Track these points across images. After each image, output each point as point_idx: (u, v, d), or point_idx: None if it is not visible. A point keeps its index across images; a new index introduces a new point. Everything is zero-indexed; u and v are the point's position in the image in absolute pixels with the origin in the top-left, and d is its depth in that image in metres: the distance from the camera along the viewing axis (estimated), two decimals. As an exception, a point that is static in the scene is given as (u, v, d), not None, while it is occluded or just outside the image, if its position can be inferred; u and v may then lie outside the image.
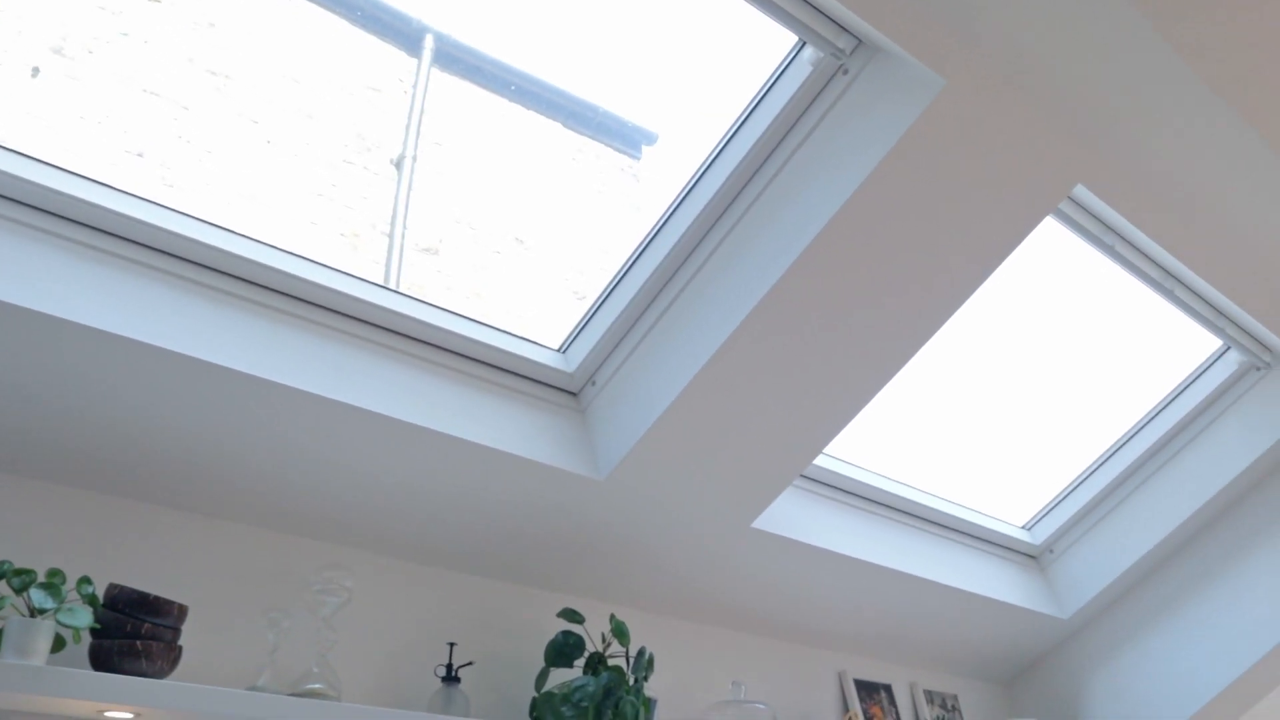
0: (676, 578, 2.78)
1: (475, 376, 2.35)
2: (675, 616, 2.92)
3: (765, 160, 2.28)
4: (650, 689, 2.78)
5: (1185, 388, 3.48)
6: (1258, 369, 3.40)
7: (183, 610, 1.87)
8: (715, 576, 2.84)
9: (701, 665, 2.93)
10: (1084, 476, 3.61)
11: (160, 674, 1.79)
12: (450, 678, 2.29)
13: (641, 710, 2.37)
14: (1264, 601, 3.49)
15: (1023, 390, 3.46)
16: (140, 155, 2.70)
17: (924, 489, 3.37)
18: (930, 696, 3.57)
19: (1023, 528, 3.68)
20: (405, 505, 2.28)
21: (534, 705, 2.35)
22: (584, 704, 2.30)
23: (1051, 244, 2.91)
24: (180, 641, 1.90)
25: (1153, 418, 3.52)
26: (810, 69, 2.18)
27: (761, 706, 2.75)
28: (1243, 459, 3.44)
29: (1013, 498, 3.62)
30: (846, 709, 3.26)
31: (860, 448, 3.18)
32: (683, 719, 2.81)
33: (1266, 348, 3.32)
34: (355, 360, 2.16)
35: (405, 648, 2.35)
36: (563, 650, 2.43)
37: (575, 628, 2.66)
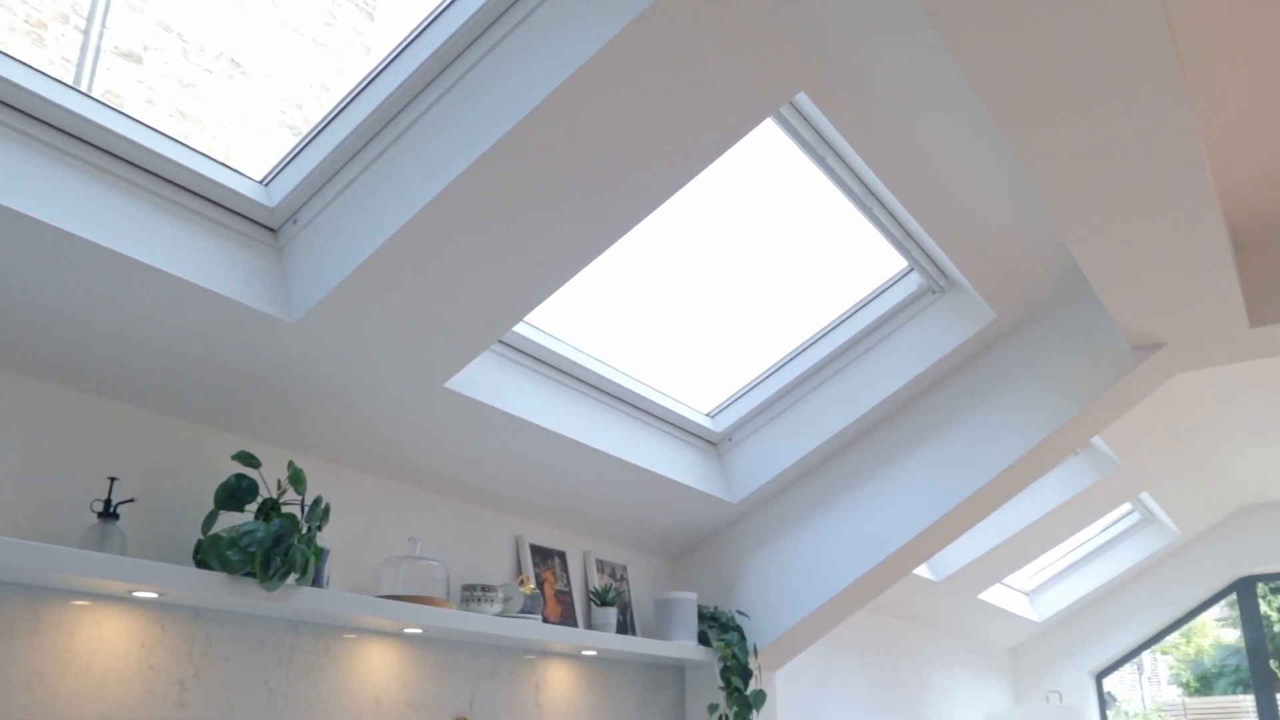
0: (362, 430, 2.74)
1: (165, 199, 2.19)
2: (357, 469, 2.88)
3: (498, 18, 2.21)
4: (324, 539, 2.75)
5: (869, 301, 3.72)
6: (933, 292, 3.68)
7: None
8: (402, 432, 2.82)
9: (379, 519, 2.92)
10: (768, 373, 3.82)
11: None
12: (108, 513, 2.17)
13: (312, 559, 2.34)
14: (903, 505, 3.85)
15: (723, 284, 3.59)
16: None
17: (618, 367, 3.46)
18: (601, 565, 3.72)
19: (707, 415, 3.86)
20: (71, 327, 2.11)
21: (198, 548, 2.26)
22: (251, 549, 2.24)
23: (768, 146, 3.01)
24: None
25: (836, 325, 3.75)
26: (558, -71, 2.12)
27: (435, 563, 2.78)
28: (906, 374, 3.75)
29: (701, 385, 3.79)
30: (520, 572, 3.36)
31: (561, 320, 3.22)
32: (356, 571, 2.80)
33: (944, 274, 3.59)
34: (27, 163, 1.95)
35: (60, 479, 2.19)
36: (234, 493, 2.35)
37: (250, 471, 2.58)
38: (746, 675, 3.86)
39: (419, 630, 2.78)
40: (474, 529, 3.24)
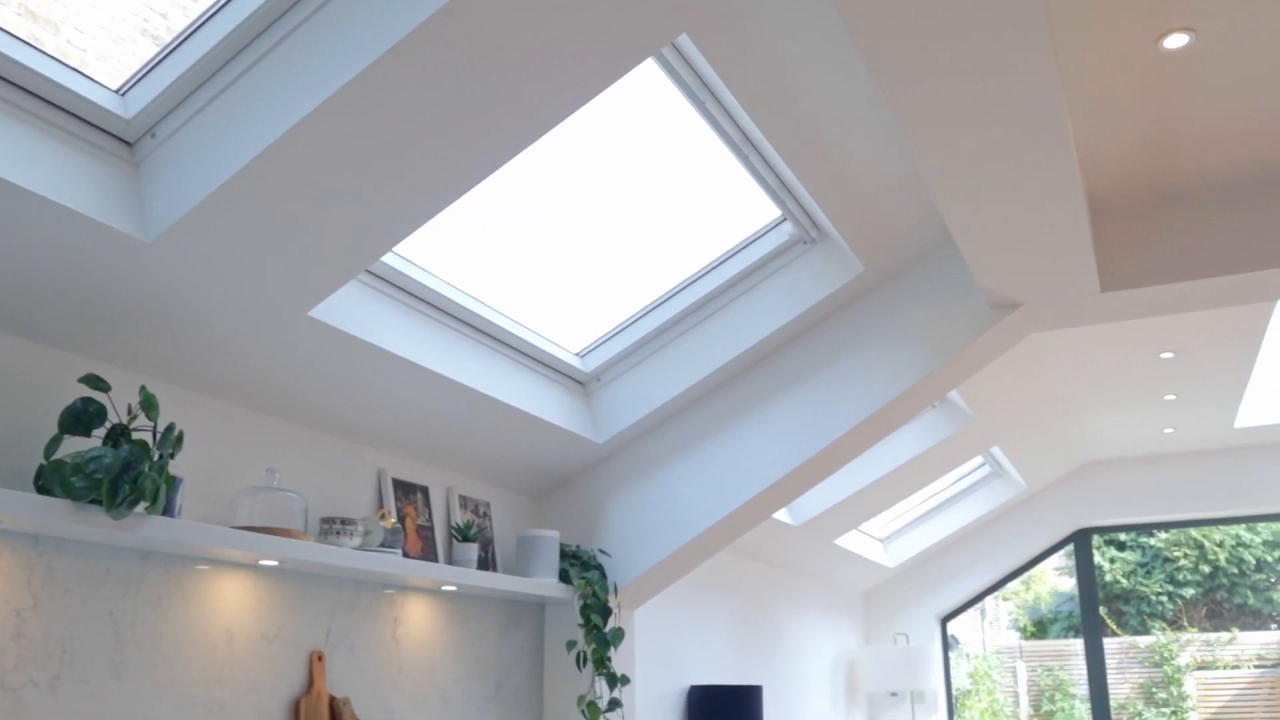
0: (219, 356, 2.66)
1: (11, 104, 2.06)
2: (214, 396, 2.80)
3: (379, -67, 2.14)
4: (176, 468, 2.67)
5: (741, 249, 3.76)
6: (805, 243, 3.74)
7: None
8: (262, 360, 2.74)
9: (236, 449, 2.85)
10: (638, 316, 3.83)
11: None
12: (-60, 432, 2.06)
13: (164, 487, 2.27)
14: (765, 450, 3.93)
15: (598, 224, 3.57)
16: None
17: (488, 303, 3.43)
18: (464, 501, 3.71)
19: (576, 355, 3.86)
20: (-97, 235, 1.99)
21: (40, 473, 2.17)
22: (98, 475, 2.16)
23: (649, 87, 2.99)
24: None
25: (708, 271, 3.78)
26: None
27: (293, 495, 2.73)
28: (774, 322, 3.80)
29: (571, 325, 3.78)
30: (381, 506, 3.32)
31: (432, 254, 3.16)
32: (210, 501, 2.73)
33: (816, 225, 3.64)
34: None
35: (-113, 394, 2.07)
36: (80, 417, 2.26)
37: (98, 396, 2.48)
38: (606, 613, 3.91)
39: (275, 563, 2.73)
40: (335, 461, 3.19)
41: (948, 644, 8.22)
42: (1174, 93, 3.08)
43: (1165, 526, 11.26)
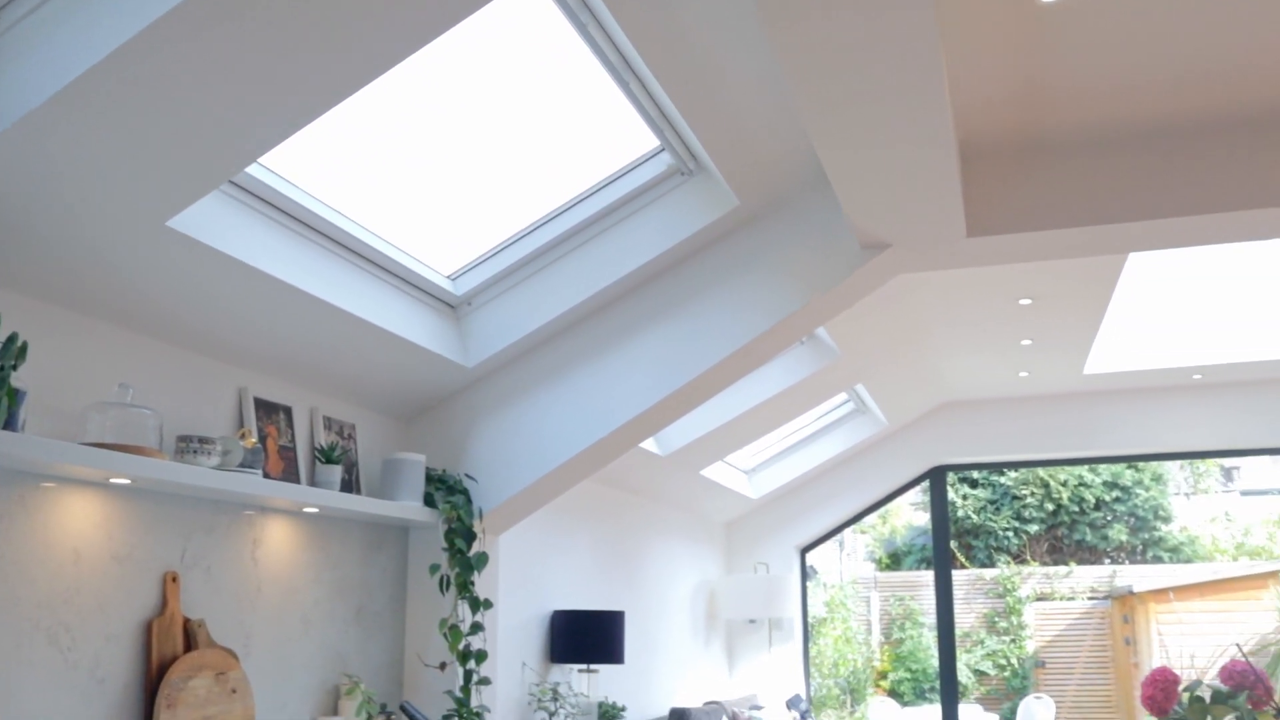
0: (70, 265, 2.53)
1: None
2: (62, 306, 2.67)
3: None
4: (20, 380, 2.54)
5: (618, 177, 3.74)
6: (682, 174, 3.73)
7: None
8: (117, 271, 2.63)
9: (87, 363, 2.73)
10: (512, 240, 3.79)
11: None
12: None
13: (6, 400, 2.17)
14: (634, 379, 3.95)
15: (475, 147, 3.50)
16: None
17: (359, 221, 3.34)
18: (329, 423, 3.64)
19: (448, 277, 3.80)
20: None
21: None
22: (-67, 385, 2.05)
23: (531, 5, 2.93)
24: None
25: (584, 198, 3.75)
26: None
27: (147, 412, 2.64)
28: (648, 252, 3.81)
29: (444, 247, 3.71)
30: (242, 425, 3.24)
31: (301, 168, 3.06)
32: (58, 416, 2.62)
33: (694, 157, 3.64)
34: None
35: None
36: (-86, 323, 2.14)
37: (-64, 301, 2.35)
38: (470, 538, 3.91)
39: (126, 481, 2.65)
40: (194, 379, 3.09)
41: (806, 574, 8.48)
42: (1048, 46, 3.15)
43: (1015, 466, 11.75)
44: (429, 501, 3.85)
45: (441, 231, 3.71)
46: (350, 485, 3.68)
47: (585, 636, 4.94)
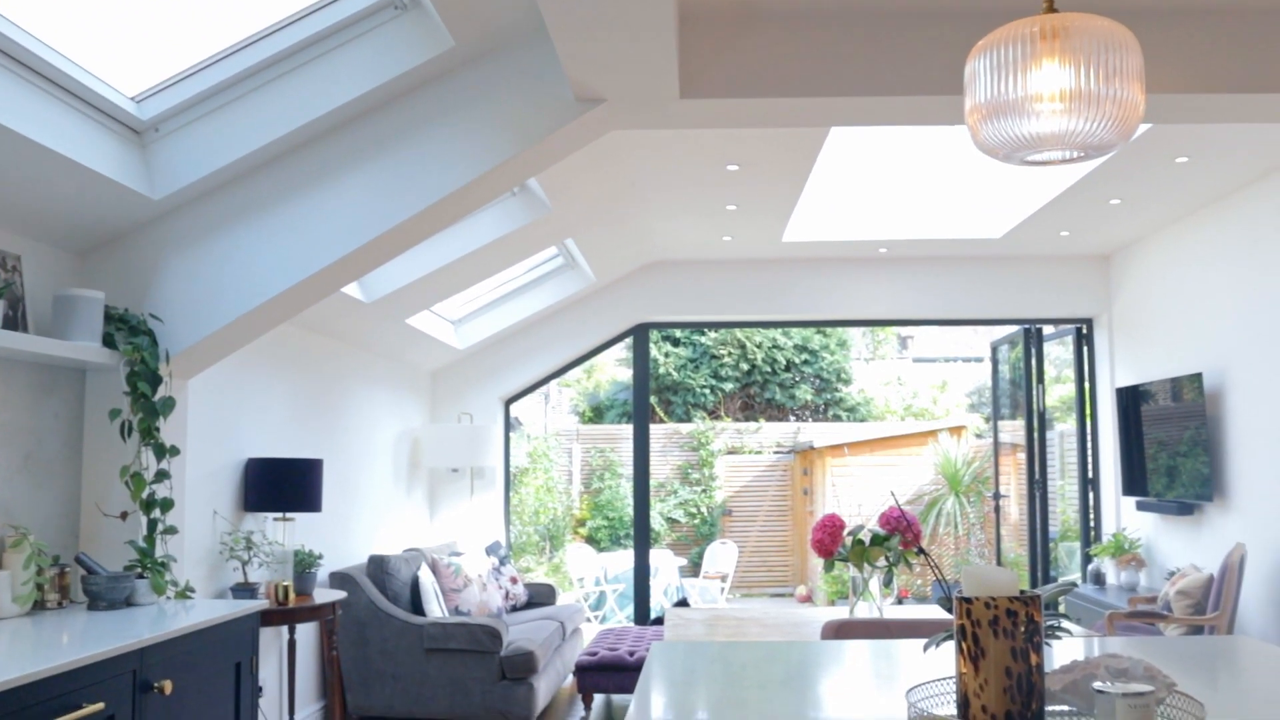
0: None
1: None
2: None
3: None
4: None
5: (327, 4, 3.51)
6: (396, 8, 3.55)
7: None
8: None
9: None
10: (207, 63, 3.51)
11: None
12: None
13: None
14: (337, 221, 3.80)
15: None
16: None
17: (26, 28, 2.98)
18: (-10, 253, 3.30)
19: (132, 99, 3.48)
20: None
21: None
22: None
23: None
24: None
25: (290, 23, 3.51)
26: None
27: None
28: (356, 88, 3.63)
29: (128, 65, 3.39)
30: (-120, 250, 2.88)
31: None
32: None
33: (408, -10, 3.46)
34: None
35: None
36: None
37: None
38: (156, 381, 3.69)
39: None
40: None
41: (509, 425, 8.60)
42: (765, -92, 3.17)
43: (715, 326, 12.28)
44: (108, 342, 3.60)
45: (126, 48, 3.38)
46: (16, 322, 3.37)
47: (281, 485, 4.83)
